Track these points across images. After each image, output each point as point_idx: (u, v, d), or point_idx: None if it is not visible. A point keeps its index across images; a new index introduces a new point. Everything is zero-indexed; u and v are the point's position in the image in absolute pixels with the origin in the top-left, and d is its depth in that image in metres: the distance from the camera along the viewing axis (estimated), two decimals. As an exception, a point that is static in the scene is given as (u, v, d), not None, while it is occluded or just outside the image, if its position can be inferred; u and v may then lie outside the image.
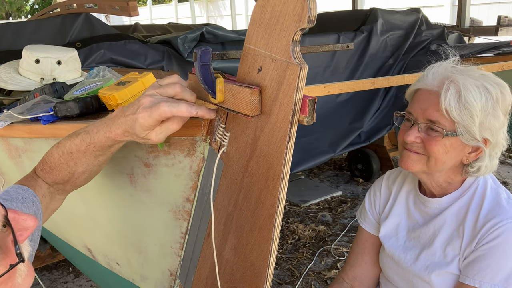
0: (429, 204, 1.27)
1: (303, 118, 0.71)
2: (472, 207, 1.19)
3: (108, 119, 0.86)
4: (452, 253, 1.19)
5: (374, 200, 1.45)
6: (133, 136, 0.83)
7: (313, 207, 3.63)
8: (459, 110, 1.09)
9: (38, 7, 22.02)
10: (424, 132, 1.15)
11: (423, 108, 1.15)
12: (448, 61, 1.19)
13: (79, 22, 2.40)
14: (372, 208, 1.44)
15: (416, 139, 1.15)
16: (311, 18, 0.67)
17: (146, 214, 1.16)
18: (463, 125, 1.09)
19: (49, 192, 0.97)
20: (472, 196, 1.21)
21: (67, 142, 0.91)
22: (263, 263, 0.79)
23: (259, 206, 0.80)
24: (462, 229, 1.18)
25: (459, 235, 1.19)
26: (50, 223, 1.75)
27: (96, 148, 0.88)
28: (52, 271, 2.85)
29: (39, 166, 0.97)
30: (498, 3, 8.40)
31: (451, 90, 1.09)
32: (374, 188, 1.46)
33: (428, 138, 1.14)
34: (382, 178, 1.45)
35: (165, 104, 0.78)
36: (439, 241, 1.22)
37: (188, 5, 12.66)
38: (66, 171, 0.93)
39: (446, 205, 1.23)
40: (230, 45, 2.60)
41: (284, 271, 2.78)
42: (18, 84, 1.63)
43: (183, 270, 1.12)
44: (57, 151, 0.93)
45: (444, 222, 1.23)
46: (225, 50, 1.49)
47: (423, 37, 3.25)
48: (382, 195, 1.43)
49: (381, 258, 1.40)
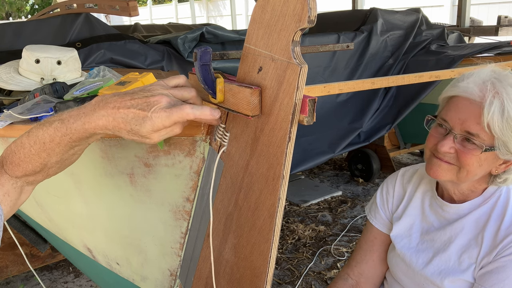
0: (448, 209, 1.24)
1: (303, 118, 0.71)
2: (493, 216, 1.16)
3: (86, 108, 0.78)
4: (468, 261, 1.16)
5: (386, 197, 1.41)
6: (127, 133, 0.76)
7: (313, 207, 3.63)
8: (501, 125, 1.04)
9: (38, 7, 22.01)
10: (459, 143, 1.10)
11: (461, 118, 1.08)
12: (488, 67, 1.13)
13: (79, 22, 2.40)
14: (384, 206, 1.41)
15: (450, 149, 1.10)
16: (311, 18, 0.67)
17: (146, 214, 1.16)
18: (503, 140, 1.05)
19: (16, 187, 0.88)
20: (494, 205, 1.17)
21: (39, 131, 0.82)
22: (263, 263, 0.79)
23: (259, 206, 0.80)
24: (481, 237, 1.15)
25: (477, 244, 1.16)
26: (50, 223, 1.75)
27: (72, 139, 0.80)
28: (52, 271, 2.85)
29: (6, 159, 0.86)
30: (498, 3, 8.40)
31: (495, 104, 1.03)
32: (387, 185, 1.43)
33: (463, 150, 1.09)
34: (396, 176, 1.42)
35: (189, 106, 0.74)
36: (454, 247, 1.19)
37: (188, 5, 12.66)
38: (38, 162, 0.84)
39: (466, 212, 1.20)
40: (230, 45, 2.60)
41: (284, 271, 2.78)
42: (18, 84, 1.63)
43: (183, 270, 1.12)
44: (28, 140, 0.83)
45: (462, 229, 1.20)
46: (225, 50, 1.49)
47: (423, 37, 3.25)
48: (396, 193, 1.39)
49: (390, 257, 1.37)
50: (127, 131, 0.75)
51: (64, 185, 1.36)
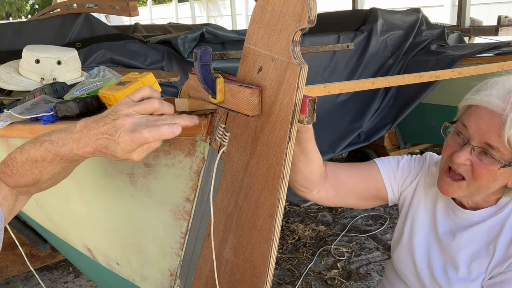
0: (460, 214, 1.21)
1: (303, 118, 0.71)
2: (507, 226, 1.13)
3: (73, 134, 0.80)
4: (477, 270, 1.15)
5: (408, 174, 1.32)
6: (111, 156, 0.78)
7: (313, 207, 3.63)
8: None
9: (38, 7, 22.01)
10: (476, 156, 1.05)
11: (482, 129, 1.04)
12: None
13: (79, 22, 2.40)
14: (400, 172, 1.32)
15: (466, 161, 1.06)
16: (311, 18, 0.67)
17: (146, 214, 1.16)
18: None
19: (12, 194, 0.91)
20: (508, 215, 1.15)
21: (31, 149, 0.84)
22: (263, 263, 0.79)
23: (259, 206, 0.80)
24: (493, 247, 1.13)
25: (489, 253, 1.14)
26: (50, 223, 1.75)
27: (63, 160, 0.82)
28: (52, 271, 2.85)
29: (1, 167, 0.89)
30: (498, 3, 8.40)
31: None
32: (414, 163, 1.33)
33: (479, 164, 1.05)
34: (426, 163, 1.33)
35: (146, 130, 0.74)
36: (464, 255, 1.18)
37: (188, 5, 12.65)
38: (30, 178, 0.87)
39: (478, 220, 1.18)
40: (230, 45, 2.60)
41: (284, 271, 2.78)
42: (18, 84, 1.62)
43: (183, 270, 1.12)
44: (20, 157, 0.85)
45: (473, 237, 1.17)
46: (225, 50, 1.49)
47: (423, 37, 3.25)
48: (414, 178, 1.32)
49: (398, 254, 1.34)
50: (110, 155, 0.78)
51: (64, 185, 1.35)
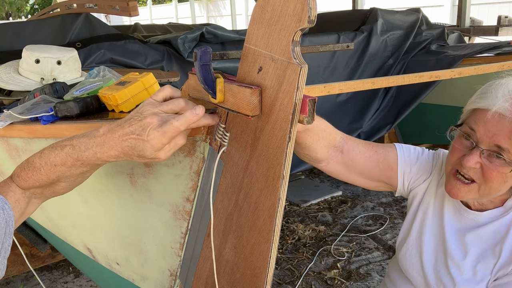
0: (467, 214, 1.21)
1: (303, 118, 0.71)
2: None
3: (96, 138, 0.81)
4: (483, 271, 1.14)
5: (423, 172, 1.28)
6: (137, 157, 0.78)
7: (313, 207, 3.63)
8: None
9: (38, 7, 22.02)
10: (486, 158, 1.04)
11: (491, 132, 1.02)
12: None
13: (79, 22, 2.40)
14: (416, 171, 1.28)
15: (475, 165, 1.04)
16: (311, 18, 0.67)
17: (146, 214, 1.16)
18: None
19: (25, 197, 0.92)
20: None
21: (51, 153, 0.85)
22: (263, 263, 0.79)
23: (259, 206, 0.80)
24: (499, 249, 1.13)
25: (495, 255, 1.13)
26: (50, 223, 1.75)
27: (84, 165, 0.83)
28: (52, 271, 2.85)
29: (16, 172, 0.91)
30: (498, 3, 8.40)
31: None
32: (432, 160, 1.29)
33: (489, 166, 1.03)
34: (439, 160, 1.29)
35: (175, 120, 0.75)
36: (470, 256, 1.17)
37: (188, 5, 12.65)
38: (46, 182, 0.88)
39: (484, 221, 1.18)
40: (230, 45, 2.60)
41: (284, 271, 2.78)
42: (18, 84, 1.62)
43: (183, 270, 1.12)
44: (39, 161, 0.87)
45: (480, 239, 1.17)
46: (225, 50, 1.49)
47: (423, 37, 3.25)
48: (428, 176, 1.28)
49: (404, 252, 1.33)
50: (136, 156, 0.79)
51: (64, 185, 1.36)
